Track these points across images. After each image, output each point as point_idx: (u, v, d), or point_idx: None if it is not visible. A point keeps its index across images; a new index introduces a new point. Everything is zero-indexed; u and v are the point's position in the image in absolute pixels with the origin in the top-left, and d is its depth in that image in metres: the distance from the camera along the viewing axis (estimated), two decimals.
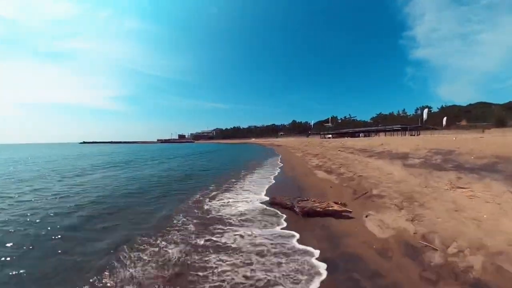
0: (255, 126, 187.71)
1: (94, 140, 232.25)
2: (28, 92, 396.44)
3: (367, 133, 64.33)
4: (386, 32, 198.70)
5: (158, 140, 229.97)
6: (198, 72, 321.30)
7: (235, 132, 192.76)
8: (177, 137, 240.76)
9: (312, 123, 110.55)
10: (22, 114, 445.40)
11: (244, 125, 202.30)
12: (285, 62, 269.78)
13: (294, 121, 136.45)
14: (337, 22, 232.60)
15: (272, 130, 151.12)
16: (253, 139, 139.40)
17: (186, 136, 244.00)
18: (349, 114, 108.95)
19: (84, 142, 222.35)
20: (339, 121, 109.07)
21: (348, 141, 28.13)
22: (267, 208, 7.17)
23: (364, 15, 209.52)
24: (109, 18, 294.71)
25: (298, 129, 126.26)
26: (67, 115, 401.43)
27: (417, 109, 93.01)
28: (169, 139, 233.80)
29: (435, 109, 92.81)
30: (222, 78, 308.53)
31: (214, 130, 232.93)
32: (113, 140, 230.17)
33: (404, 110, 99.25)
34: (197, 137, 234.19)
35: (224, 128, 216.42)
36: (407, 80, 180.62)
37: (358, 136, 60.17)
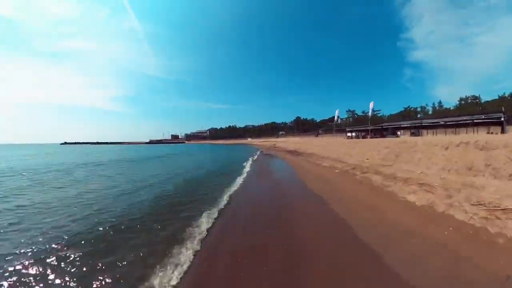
0: (252, 125, 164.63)
1: (82, 141, 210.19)
2: (28, 92, 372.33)
3: (417, 130, 40.42)
4: (384, 33, 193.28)
5: (150, 141, 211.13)
6: (197, 72, 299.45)
7: (231, 132, 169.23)
8: (170, 137, 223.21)
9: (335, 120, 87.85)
10: (20, 114, 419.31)
11: (241, 124, 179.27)
12: (285, 62, 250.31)
13: (298, 118, 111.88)
14: (336, 24, 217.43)
15: (272, 129, 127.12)
16: (249, 139, 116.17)
17: (179, 137, 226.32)
18: (372, 108, 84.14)
19: (66, 143, 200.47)
20: (356, 116, 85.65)
21: None
22: None
23: (362, 16, 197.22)
24: (108, 18, 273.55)
25: (303, 127, 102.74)
26: (65, 115, 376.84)
27: (461, 99, 70.02)
28: (161, 140, 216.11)
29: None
30: (222, 79, 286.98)
31: (208, 130, 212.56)
32: (98, 141, 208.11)
33: (440, 102, 75.76)
34: (190, 137, 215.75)
35: (219, 128, 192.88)
36: (405, 82, 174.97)
37: (397, 135, 36.91)
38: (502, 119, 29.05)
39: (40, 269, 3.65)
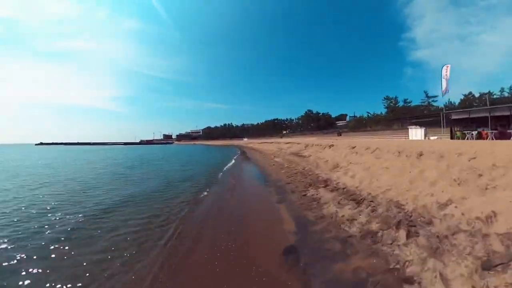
0: (251, 124, 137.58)
1: (65, 141, 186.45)
2: (28, 92, 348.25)
3: None
4: (386, 33, 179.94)
5: (140, 141, 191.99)
6: (198, 72, 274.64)
7: (226, 131, 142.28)
8: (162, 137, 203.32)
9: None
10: (20, 114, 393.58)
11: (239, 123, 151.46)
12: (285, 62, 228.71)
13: (309, 112, 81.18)
14: (338, 24, 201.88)
15: (274, 127, 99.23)
16: (246, 140, 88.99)
17: (172, 137, 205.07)
18: (426, 93, 55.14)
19: (41, 143, 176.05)
20: (398, 106, 57.87)
21: None
22: None
23: (364, 16, 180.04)
24: (108, 18, 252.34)
25: (317, 123, 74.52)
26: (65, 115, 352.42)
27: None
28: (152, 140, 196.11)
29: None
30: (222, 79, 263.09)
31: (202, 129, 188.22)
32: (79, 141, 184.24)
33: None
34: (180, 137, 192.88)
35: (213, 126, 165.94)
36: (406, 81, 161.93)
37: None
38: None
39: None
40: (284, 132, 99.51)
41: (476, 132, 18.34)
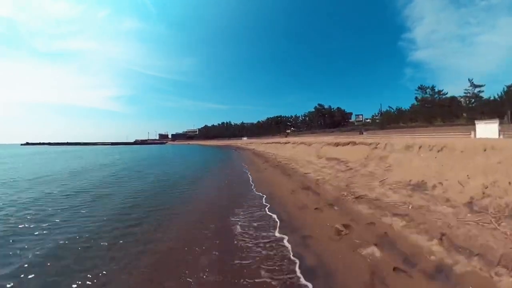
0: (251, 122, 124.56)
1: (57, 141, 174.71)
2: (28, 92, 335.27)
3: None
4: (386, 34, 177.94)
5: (135, 141, 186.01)
6: (197, 72, 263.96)
7: (225, 130, 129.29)
8: (157, 137, 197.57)
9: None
10: (20, 114, 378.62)
11: (238, 121, 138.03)
12: (285, 62, 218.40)
13: (319, 107, 66.90)
14: (338, 24, 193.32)
15: (277, 125, 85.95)
16: (245, 139, 76.21)
17: (168, 136, 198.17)
18: (470, 81, 42.23)
19: (27, 143, 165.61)
20: (431, 99, 44.53)
21: None
22: None
23: (364, 17, 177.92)
24: (108, 18, 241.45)
25: (331, 119, 60.90)
26: (64, 115, 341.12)
27: None
28: (146, 140, 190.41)
29: None
30: (222, 79, 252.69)
31: (199, 128, 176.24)
32: (69, 141, 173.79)
33: None
34: (175, 137, 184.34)
35: (210, 125, 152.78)
36: (406, 81, 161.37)
37: None
38: None
39: None
40: (288, 131, 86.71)
41: None
